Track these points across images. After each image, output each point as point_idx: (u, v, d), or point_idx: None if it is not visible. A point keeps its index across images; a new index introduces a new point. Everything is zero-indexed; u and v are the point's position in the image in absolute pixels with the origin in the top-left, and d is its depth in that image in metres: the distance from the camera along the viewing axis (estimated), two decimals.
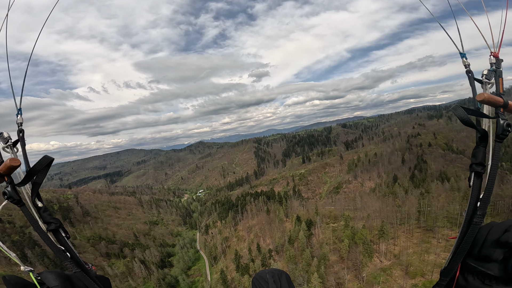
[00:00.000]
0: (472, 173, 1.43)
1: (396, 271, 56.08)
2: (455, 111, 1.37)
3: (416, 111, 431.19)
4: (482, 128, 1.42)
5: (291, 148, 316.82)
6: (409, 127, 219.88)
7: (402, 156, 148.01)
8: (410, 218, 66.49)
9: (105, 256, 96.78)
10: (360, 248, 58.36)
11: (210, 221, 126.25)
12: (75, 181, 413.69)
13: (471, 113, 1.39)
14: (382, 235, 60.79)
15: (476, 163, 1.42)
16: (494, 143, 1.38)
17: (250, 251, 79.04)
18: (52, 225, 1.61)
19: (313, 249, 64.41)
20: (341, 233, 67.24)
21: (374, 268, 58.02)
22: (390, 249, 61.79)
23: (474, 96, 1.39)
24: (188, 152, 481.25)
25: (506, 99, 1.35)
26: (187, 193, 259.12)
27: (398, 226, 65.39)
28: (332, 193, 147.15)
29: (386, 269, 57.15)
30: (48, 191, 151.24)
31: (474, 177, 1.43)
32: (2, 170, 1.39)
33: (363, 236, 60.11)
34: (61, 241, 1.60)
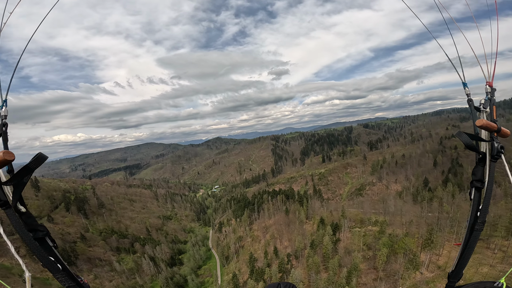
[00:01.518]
0: (473, 188, 1.78)
1: (440, 284, 47.57)
2: (460, 137, 1.66)
3: (445, 112, 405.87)
4: (481, 151, 1.74)
5: (309, 146, 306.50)
6: (441, 128, 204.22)
7: (434, 159, 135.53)
8: (460, 226, 56.95)
9: (115, 251, 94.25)
10: (401, 259, 50.05)
11: (224, 219, 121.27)
12: (97, 172, 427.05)
13: (472, 138, 1.70)
14: (428, 245, 51.87)
15: (476, 179, 1.76)
16: (490, 163, 1.71)
17: (266, 254, 72.65)
18: (39, 233, 1.47)
19: (340, 256, 56.78)
20: (370, 239, 59.12)
21: (413, 281, 49.65)
22: (432, 260, 53.07)
23: (474, 122, 1.68)
24: (205, 147, 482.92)
25: (499, 125, 1.68)
26: (202, 188, 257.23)
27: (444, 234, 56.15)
28: (354, 195, 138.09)
29: (428, 281, 48.63)
30: (68, 182, 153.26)
31: (474, 191, 1.77)
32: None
33: (404, 245, 51.43)
34: (48, 251, 1.48)
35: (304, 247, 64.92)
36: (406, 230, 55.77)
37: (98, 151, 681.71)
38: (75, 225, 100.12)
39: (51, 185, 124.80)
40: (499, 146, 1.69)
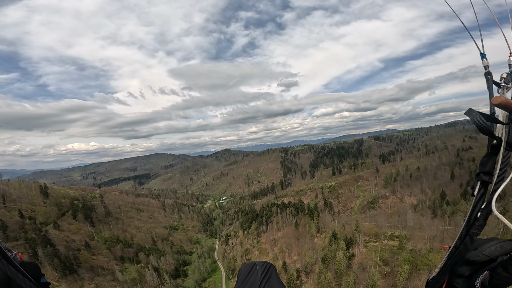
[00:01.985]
0: (478, 182, 1.31)
1: None
2: (470, 115, 1.17)
3: (459, 124, 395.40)
4: (498, 136, 1.27)
5: (319, 159, 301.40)
6: (457, 140, 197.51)
7: (451, 171, 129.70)
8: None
9: (119, 260, 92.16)
10: (424, 276, 45.85)
11: (232, 231, 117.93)
12: (107, 180, 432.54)
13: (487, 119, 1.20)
14: None
15: (484, 171, 1.28)
16: (504, 152, 1.23)
17: None
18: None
19: (355, 272, 52.68)
20: (386, 254, 54.90)
21: None
22: None
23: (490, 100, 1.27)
24: (214, 158, 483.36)
25: None
26: (210, 199, 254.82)
27: None
28: (366, 208, 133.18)
29: None
30: (78, 189, 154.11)
31: (479, 186, 1.31)
32: None
33: (428, 261, 47.12)
34: None
35: (314, 262, 61.14)
36: (429, 245, 51.42)
37: (109, 160, 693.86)
38: (81, 233, 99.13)
39: (60, 192, 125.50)
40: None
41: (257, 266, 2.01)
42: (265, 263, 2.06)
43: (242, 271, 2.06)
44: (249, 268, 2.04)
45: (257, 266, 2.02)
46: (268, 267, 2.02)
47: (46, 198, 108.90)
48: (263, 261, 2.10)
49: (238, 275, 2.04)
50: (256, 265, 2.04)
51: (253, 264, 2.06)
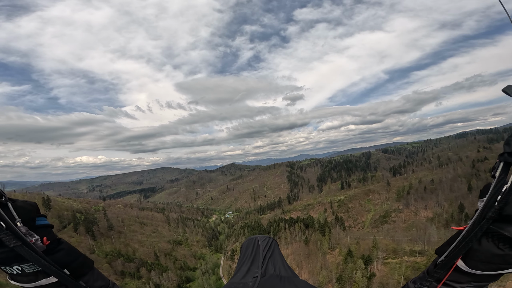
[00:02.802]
0: (502, 162, 1.15)
1: None
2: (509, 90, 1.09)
3: (469, 135, 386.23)
4: None
5: (326, 173, 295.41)
6: (470, 151, 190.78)
7: (467, 183, 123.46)
8: None
9: (119, 275, 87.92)
10: None
11: (237, 246, 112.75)
12: (113, 193, 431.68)
13: None
14: None
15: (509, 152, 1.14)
16: None
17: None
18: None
19: None
20: (408, 271, 49.64)
21: None
22: None
23: None
24: (219, 173, 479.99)
25: None
26: (215, 213, 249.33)
27: None
28: (378, 222, 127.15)
29: None
30: (82, 202, 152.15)
31: (502, 167, 1.15)
32: None
33: None
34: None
35: (328, 282, 55.98)
36: None
37: (116, 173, 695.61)
38: (81, 246, 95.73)
39: (63, 204, 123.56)
40: None
41: (259, 241, 2.00)
42: (267, 237, 2.06)
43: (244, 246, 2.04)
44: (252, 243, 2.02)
45: (259, 240, 2.01)
46: (271, 241, 2.01)
47: (48, 210, 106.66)
48: (265, 235, 2.10)
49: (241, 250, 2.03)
50: (258, 240, 2.02)
51: (255, 239, 2.04)
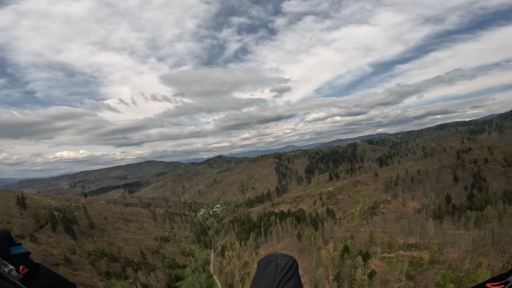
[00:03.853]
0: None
1: None
2: None
3: (449, 126, 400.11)
4: None
5: (314, 164, 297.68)
6: (453, 142, 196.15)
7: (453, 174, 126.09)
8: None
9: (104, 276, 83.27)
10: None
11: (227, 242, 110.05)
12: (96, 189, 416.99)
13: None
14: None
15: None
16: None
17: None
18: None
19: None
20: (407, 266, 48.41)
21: None
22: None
23: None
24: (207, 165, 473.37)
25: None
26: (203, 207, 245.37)
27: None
28: (368, 214, 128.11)
29: None
30: (61, 199, 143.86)
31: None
32: None
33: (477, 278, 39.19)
34: None
35: (325, 278, 54.16)
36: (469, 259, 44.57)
37: (99, 168, 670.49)
38: (61, 246, 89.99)
39: (40, 203, 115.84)
40: None
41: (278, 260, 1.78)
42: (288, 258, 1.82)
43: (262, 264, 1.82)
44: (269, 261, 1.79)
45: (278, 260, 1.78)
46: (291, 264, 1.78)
47: (24, 209, 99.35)
48: (285, 255, 1.87)
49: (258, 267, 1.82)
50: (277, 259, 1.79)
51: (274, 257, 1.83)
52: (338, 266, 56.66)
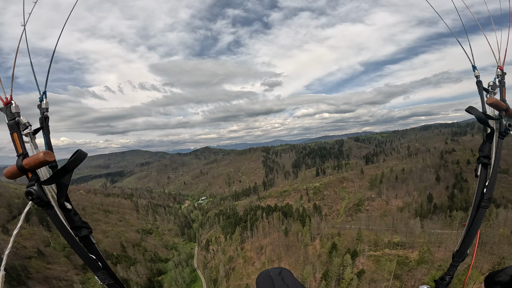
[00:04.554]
0: (479, 164, 1.82)
1: None
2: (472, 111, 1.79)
3: (433, 127, 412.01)
4: (492, 126, 1.82)
5: (301, 159, 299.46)
6: (437, 142, 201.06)
7: (436, 174, 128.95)
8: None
9: (80, 269, 79.35)
10: None
11: (212, 236, 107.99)
12: (76, 178, 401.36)
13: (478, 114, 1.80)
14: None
15: (483, 156, 1.80)
16: (498, 140, 1.78)
17: None
18: (84, 231, 1.49)
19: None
20: (393, 265, 48.16)
21: None
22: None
23: (483, 101, 1.83)
24: (193, 156, 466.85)
25: (508, 105, 1.80)
26: (188, 199, 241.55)
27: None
28: (352, 211, 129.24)
29: None
30: None
31: (481, 168, 1.80)
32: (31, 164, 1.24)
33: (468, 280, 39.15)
34: (91, 249, 1.49)
35: (313, 277, 53.23)
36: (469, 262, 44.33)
37: None
38: (34, 238, 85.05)
39: (15, 191, 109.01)
40: (507, 123, 1.78)
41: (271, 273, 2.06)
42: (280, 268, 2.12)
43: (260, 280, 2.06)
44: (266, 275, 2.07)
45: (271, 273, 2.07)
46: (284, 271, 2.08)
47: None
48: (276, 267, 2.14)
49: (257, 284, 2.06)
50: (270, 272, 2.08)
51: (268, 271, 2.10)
52: (325, 263, 55.95)
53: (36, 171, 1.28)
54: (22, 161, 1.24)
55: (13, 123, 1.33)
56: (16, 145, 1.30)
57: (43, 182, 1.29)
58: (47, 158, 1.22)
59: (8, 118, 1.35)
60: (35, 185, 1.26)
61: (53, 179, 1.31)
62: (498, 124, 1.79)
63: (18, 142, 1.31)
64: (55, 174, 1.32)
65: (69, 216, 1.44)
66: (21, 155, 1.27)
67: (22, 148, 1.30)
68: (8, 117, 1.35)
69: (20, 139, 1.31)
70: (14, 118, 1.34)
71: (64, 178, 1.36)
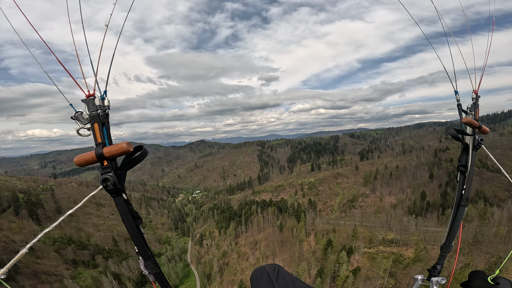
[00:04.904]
0: (459, 172, 2.28)
1: None
2: (448, 130, 2.24)
3: (427, 126, 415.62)
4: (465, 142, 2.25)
5: (296, 154, 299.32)
6: (430, 140, 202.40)
7: (429, 171, 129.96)
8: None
9: (71, 264, 77.97)
10: None
11: (206, 230, 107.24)
12: (68, 170, 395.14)
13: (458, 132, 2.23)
14: None
15: (461, 165, 2.26)
16: (472, 152, 2.20)
17: None
18: (138, 221, 1.56)
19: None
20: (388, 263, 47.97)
21: None
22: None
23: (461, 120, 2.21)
24: (188, 149, 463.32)
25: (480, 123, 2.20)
26: (182, 192, 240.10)
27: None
28: (346, 207, 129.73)
29: None
30: (28, 180, 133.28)
31: (459, 175, 2.27)
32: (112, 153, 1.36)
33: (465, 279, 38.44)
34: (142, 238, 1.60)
35: (308, 273, 52.84)
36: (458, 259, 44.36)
37: (73, 148, 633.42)
38: (23, 232, 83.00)
39: (5, 184, 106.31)
40: (480, 138, 2.19)
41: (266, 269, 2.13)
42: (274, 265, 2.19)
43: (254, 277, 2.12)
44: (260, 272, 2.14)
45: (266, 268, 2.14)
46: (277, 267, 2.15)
47: None
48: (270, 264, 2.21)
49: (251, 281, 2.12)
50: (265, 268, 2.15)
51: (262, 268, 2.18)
52: (320, 260, 55.61)
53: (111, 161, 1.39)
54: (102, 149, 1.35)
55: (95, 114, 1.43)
56: (95, 135, 1.40)
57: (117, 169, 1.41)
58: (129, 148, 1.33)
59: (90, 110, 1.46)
60: (111, 172, 1.37)
61: (125, 167, 1.43)
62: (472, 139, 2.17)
63: (98, 132, 1.41)
64: (128, 163, 1.44)
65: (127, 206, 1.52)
66: (100, 144, 1.37)
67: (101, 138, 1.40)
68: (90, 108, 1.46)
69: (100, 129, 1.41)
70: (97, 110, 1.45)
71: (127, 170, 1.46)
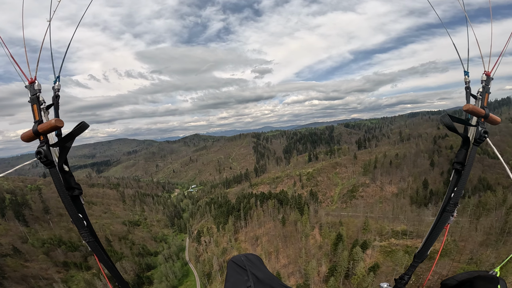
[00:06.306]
0: (454, 170, 1.84)
1: None
2: (443, 118, 1.73)
3: (420, 115, 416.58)
4: (464, 134, 1.77)
5: (292, 145, 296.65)
6: (425, 128, 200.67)
7: (430, 159, 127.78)
8: None
9: (62, 266, 73.59)
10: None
11: (204, 226, 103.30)
12: None
13: (456, 121, 1.72)
14: None
15: (457, 162, 1.81)
16: (472, 146, 1.72)
17: None
18: (76, 191, 1.72)
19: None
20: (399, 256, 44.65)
21: None
22: None
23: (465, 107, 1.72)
24: (182, 144, 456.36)
25: (487, 111, 1.70)
26: (178, 187, 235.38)
27: None
28: (347, 197, 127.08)
29: None
30: (15, 180, 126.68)
31: (454, 174, 1.83)
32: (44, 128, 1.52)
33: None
34: (79, 209, 1.72)
35: (313, 271, 49.43)
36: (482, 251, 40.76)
37: None
38: (10, 235, 78.10)
39: None
40: (483, 131, 1.68)
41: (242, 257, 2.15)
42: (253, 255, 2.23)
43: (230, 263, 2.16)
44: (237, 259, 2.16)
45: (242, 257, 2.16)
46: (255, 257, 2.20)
47: None
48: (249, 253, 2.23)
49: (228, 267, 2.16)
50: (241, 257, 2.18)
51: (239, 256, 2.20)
52: (328, 256, 52.24)
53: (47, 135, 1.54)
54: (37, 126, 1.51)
55: (34, 97, 1.63)
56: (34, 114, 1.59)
57: (51, 145, 1.55)
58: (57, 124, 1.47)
59: (31, 94, 1.67)
60: (44, 146, 1.52)
61: (60, 142, 1.58)
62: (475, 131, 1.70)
63: (36, 111, 1.60)
64: (62, 139, 1.60)
65: (66, 177, 1.65)
66: (37, 122, 1.55)
67: (38, 116, 1.59)
68: (31, 93, 1.67)
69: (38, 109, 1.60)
70: (36, 94, 1.65)
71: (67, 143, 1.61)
